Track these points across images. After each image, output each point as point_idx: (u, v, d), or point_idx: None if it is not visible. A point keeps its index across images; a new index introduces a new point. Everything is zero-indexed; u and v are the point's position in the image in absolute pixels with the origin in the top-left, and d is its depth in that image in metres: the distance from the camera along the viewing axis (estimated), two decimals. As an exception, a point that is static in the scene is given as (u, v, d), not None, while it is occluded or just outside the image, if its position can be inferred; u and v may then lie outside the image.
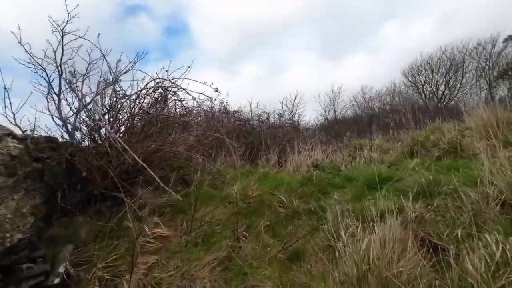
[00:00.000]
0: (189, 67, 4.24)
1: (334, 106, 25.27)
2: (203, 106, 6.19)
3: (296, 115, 20.75)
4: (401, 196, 2.39)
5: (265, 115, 7.43)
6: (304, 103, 20.25)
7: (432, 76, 34.53)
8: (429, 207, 2.07)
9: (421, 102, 35.59)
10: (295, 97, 21.64)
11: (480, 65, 32.41)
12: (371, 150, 5.22)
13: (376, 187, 2.91)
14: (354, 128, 12.40)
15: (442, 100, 34.11)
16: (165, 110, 4.19)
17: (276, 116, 7.67)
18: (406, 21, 40.61)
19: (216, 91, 4.35)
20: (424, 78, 35.23)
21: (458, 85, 33.40)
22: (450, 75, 33.55)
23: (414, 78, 35.94)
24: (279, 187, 3.45)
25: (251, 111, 7.24)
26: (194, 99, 4.47)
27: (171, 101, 4.58)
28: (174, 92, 4.14)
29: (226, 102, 7.22)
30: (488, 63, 31.94)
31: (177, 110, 5.14)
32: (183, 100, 4.34)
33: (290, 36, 46.66)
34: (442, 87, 34.15)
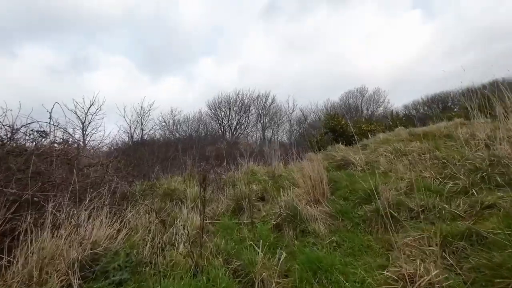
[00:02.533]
0: None
1: (142, 124, 22.09)
2: None
3: (90, 129, 15.64)
4: None
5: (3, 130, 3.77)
6: (105, 114, 15.62)
7: (229, 113, 40.38)
8: None
9: (220, 132, 40.22)
10: (91, 104, 16.43)
11: (258, 111, 41.91)
12: (196, 206, 3.47)
13: None
14: (164, 157, 10.46)
15: (234, 133, 40.42)
16: None
17: (33, 135, 4.14)
18: (220, 61, 46.30)
19: None
20: (223, 113, 40.45)
21: (246, 123, 41.11)
22: (241, 114, 40.70)
23: (216, 111, 40.37)
24: None
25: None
26: None
27: None
28: None
29: None
30: (263, 111, 41.91)
31: None
32: None
33: (108, 35, 38.65)
34: (234, 123, 40.61)
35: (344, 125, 8.62)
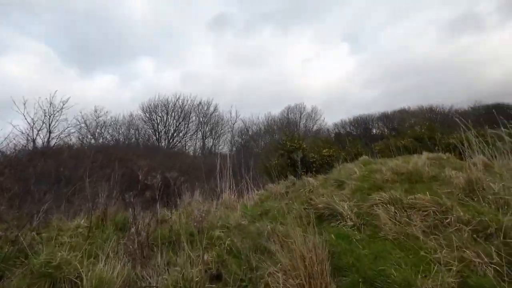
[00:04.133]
0: None
1: (49, 126, 17.41)
2: None
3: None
4: None
5: None
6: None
7: (167, 118, 36.77)
8: None
9: (155, 138, 36.12)
10: (-33, 97, 11.62)
11: (199, 119, 39.49)
12: None
13: None
14: (69, 176, 7.56)
15: (171, 140, 36.90)
16: None
17: None
18: (163, 63, 42.21)
19: None
20: (159, 118, 36.59)
21: (184, 131, 38.07)
22: (180, 121, 37.54)
23: (151, 115, 36.24)
24: None
25: None
26: None
27: None
28: None
29: None
30: (204, 119, 39.70)
31: None
32: None
33: (24, 14, 30.49)
34: (172, 130, 37.15)
35: (305, 149, 7.60)
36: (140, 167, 10.55)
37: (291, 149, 7.50)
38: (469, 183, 3.71)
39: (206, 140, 39.03)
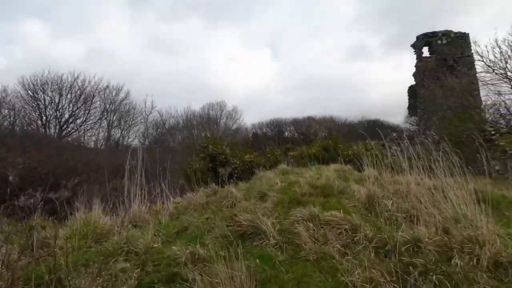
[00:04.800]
0: None
1: None
2: None
3: None
4: None
5: None
6: None
7: (60, 100, 30.12)
8: None
9: (40, 124, 29.10)
10: None
11: (105, 106, 34.02)
12: None
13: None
14: None
15: (64, 128, 30.53)
16: None
17: None
18: (59, 31, 33.50)
19: None
20: (49, 98, 29.69)
21: (84, 117, 32.09)
22: (78, 105, 31.35)
23: (36, 94, 29.03)
24: None
25: None
26: None
27: None
28: None
29: None
30: (111, 107, 34.47)
31: None
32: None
33: None
34: (66, 114, 30.75)
35: (228, 155, 7.35)
36: (13, 165, 8.00)
37: (213, 153, 7.12)
38: (369, 198, 4.28)
39: (113, 130, 33.96)
